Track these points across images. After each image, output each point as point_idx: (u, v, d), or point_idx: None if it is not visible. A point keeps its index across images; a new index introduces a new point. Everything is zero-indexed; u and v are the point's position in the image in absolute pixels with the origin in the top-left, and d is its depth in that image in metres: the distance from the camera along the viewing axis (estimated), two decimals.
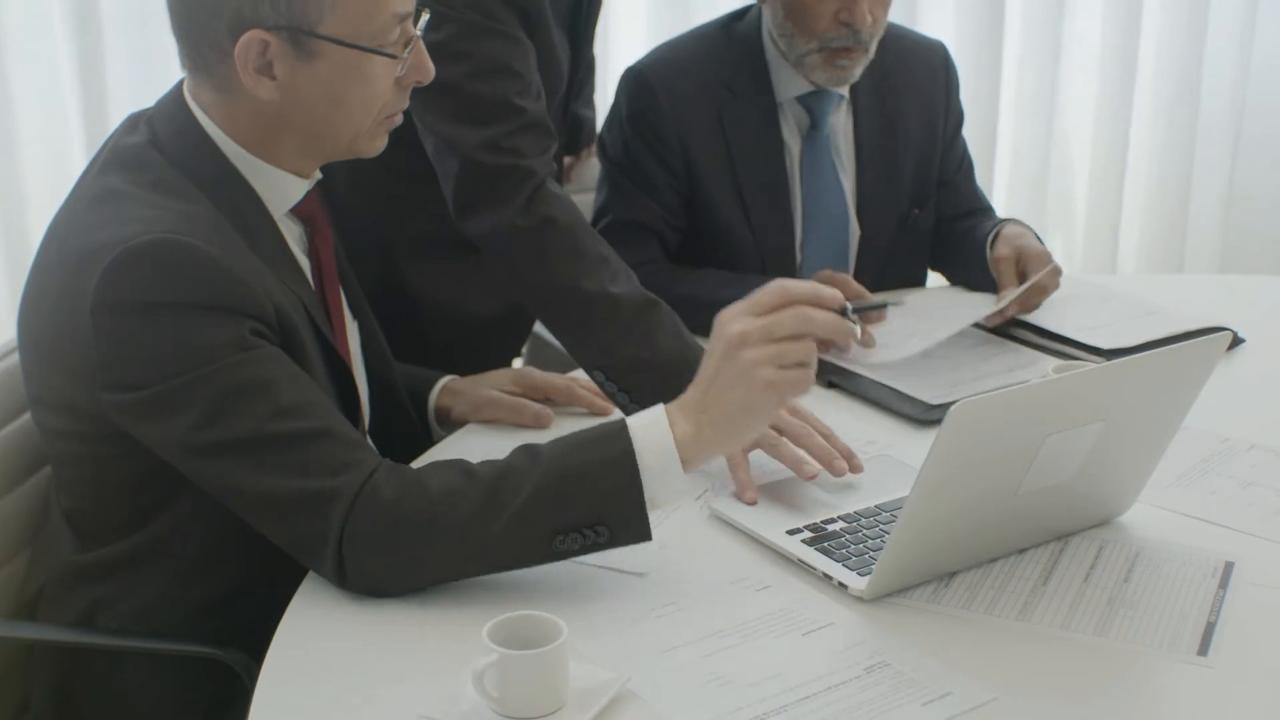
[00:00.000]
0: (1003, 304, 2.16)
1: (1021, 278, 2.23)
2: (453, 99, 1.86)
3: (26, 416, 1.72)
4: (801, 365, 1.43)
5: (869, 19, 2.20)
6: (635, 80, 2.35)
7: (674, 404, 1.46)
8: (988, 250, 2.31)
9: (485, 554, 1.42)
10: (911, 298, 2.33)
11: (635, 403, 1.79)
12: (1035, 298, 2.21)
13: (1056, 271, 2.22)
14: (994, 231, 2.33)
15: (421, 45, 1.56)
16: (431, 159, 1.94)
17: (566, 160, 2.62)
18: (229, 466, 1.42)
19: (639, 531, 1.43)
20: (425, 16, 1.56)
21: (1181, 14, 3.89)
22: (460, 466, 1.45)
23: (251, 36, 1.46)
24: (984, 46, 3.70)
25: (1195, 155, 4.03)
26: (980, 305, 2.23)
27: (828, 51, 2.23)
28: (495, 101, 1.88)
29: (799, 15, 2.23)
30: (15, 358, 1.72)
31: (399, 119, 1.60)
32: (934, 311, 2.24)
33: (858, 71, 2.28)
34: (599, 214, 2.37)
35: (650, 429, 1.43)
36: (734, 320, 1.45)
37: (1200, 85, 3.96)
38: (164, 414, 1.42)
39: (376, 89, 1.53)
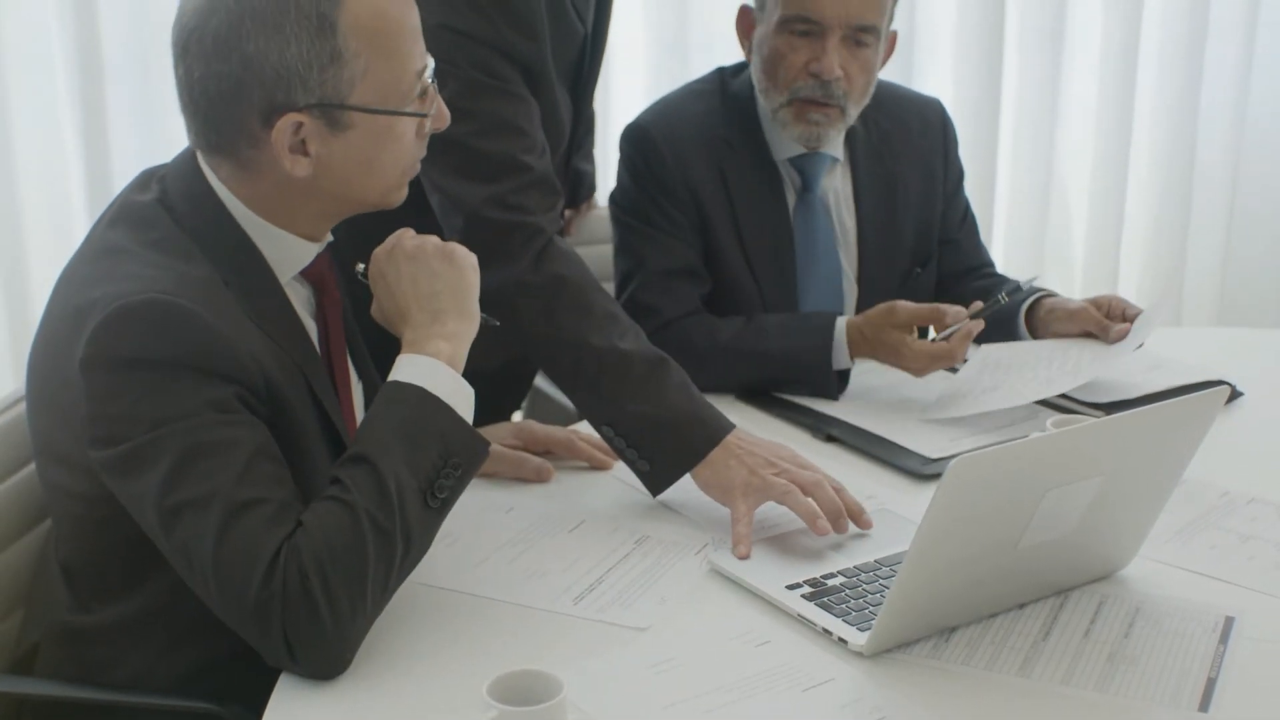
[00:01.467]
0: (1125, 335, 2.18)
1: (1109, 318, 2.24)
2: (459, 156, 1.87)
3: (22, 472, 1.71)
4: None
5: (837, 71, 2.19)
6: (638, 134, 2.35)
7: (405, 345, 1.56)
8: (1026, 313, 2.30)
9: (391, 551, 1.42)
10: (987, 348, 2.27)
11: (644, 459, 1.79)
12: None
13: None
14: (1034, 298, 2.32)
15: (436, 92, 1.58)
16: (437, 214, 1.94)
17: (567, 214, 2.63)
18: (185, 526, 1.40)
19: (479, 448, 1.53)
20: (431, 63, 1.57)
21: (1178, 66, 3.91)
22: (327, 497, 1.43)
23: (286, 120, 1.47)
24: (982, 100, 3.73)
25: (1192, 207, 4.05)
26: (1088, 349, 2.21)
27: (797, 104, 2.23)
28: (501, 159, 1.89)
29: (773, 67, 2.24)
30: (13, 412, 1.73)
31: (419, 167, 1.62)
32: (1033, 364, 2.19)
33: (833, 134, 2.28)
34: (629, 274, 2.30)
35: (417, 367, 1.52)
36: (383, 247, 1.62)
37: (1197, 138, 3.98)
38: (137, 470, 1.41)
39: (405, 146, 1.56)
